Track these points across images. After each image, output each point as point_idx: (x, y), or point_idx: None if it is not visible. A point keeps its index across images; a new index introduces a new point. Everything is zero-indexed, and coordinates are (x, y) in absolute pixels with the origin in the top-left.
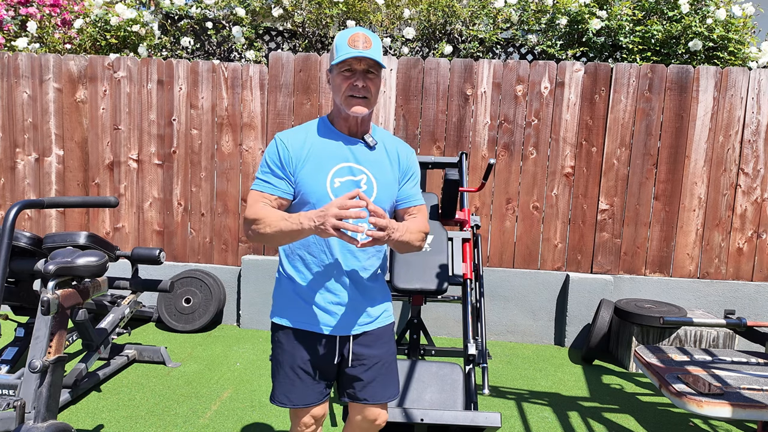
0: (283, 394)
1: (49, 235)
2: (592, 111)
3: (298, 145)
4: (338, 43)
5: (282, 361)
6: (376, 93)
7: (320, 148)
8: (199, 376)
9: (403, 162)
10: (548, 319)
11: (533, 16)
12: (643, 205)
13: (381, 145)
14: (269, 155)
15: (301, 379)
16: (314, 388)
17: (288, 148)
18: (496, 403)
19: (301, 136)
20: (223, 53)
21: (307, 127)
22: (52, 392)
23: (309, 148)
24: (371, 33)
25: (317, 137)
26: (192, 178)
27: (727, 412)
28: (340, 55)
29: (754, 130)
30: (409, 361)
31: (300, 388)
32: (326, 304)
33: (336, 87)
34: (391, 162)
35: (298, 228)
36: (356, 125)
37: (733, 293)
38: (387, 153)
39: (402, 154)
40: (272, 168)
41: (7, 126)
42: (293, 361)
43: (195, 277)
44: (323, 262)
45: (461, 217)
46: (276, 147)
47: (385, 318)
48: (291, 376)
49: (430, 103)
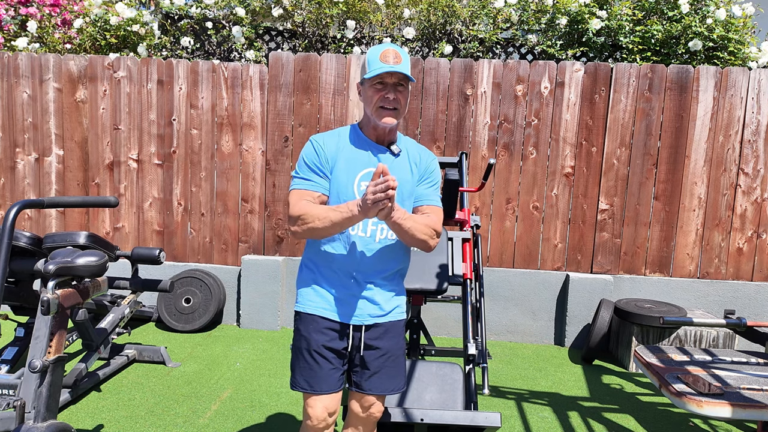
0: (303, 378)
1: (49, 235)
2: (592, 111)
3: (332, 147)
4: (370, 59)
5: (300, 347)
6: (405, 104)
7: (350, 153)
8: (199, 376)
9: (422, 166)
10: (548, 319)
11: (533, 16)
12: (643, 205)
13: (405, 152)
14: (307, 156)
15: (318, 364)
16: (331, 373)
17: (324, 148)
18: (496, 403)
19: (333, 140)
20: (223, 53)
21: (339, 132)
22: (52, 392)
23: (340, 151)
24: (401, 49)
25: (347, 142)
26: (192, 178)
27: (727, 412)
28: (372, 69)
29: (754, 130)
30: (409, 361)
31: (318, 372)
32: (342, 295)
33: (368, 99)
34: (411, 168)
35: (348, 215)
36: (384, 134)
37: (733, 293)
38: (409, 159)
39: (423, 159)
40: (311, 167)
41: (7, 126)
42: (309, 345)
43: (195, 277)
44: (345, 257)
45: (461, 217)
46: (313, 147)
47: (398, 313)
48: (309, 360)
49: (430, 103)
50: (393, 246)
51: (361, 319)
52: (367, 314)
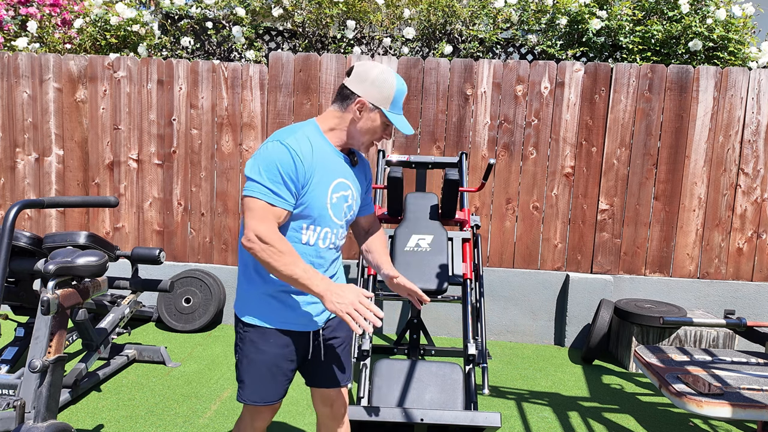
0: (254, 392)
1: (49, 234)
2: (592, 111)
3: (308, 157)
4: (397, 96)
5: (256, 360)
6: None
7: (323, 162)
8: (199, 376)
9: (368, 174)
10: (548, 319)
11: (533, 16)
12: (643, 205)
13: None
14: (283, 165)
15: (274, 376)
16: (284, 384)
17: (303, 161)
18: (496, 403)
19: (307, 148)
20: (223, 53)
21: (307, 135)
22: (52, 392)
23: (315, 160)
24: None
25: (319, 149)
26: (192, 177)
27: (727, 412)
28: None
29: (754, 130)
30: (409, 361)
31: (272, 385)
32: (300, 304)
33: (371, 128)
34: (366, 175)
35: (310, 287)
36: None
37: (733, 293)
38: (364, 167)
39: (368, 168)
40: (285, 180)
41: (7, 126)
42: (269, 360)
43: (195, 277)
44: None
45: (461, 217)
46: (291, 158)
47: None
48: (266, 374)
49: (430, 103)
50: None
51: (319, 322)
52: (323, 314)
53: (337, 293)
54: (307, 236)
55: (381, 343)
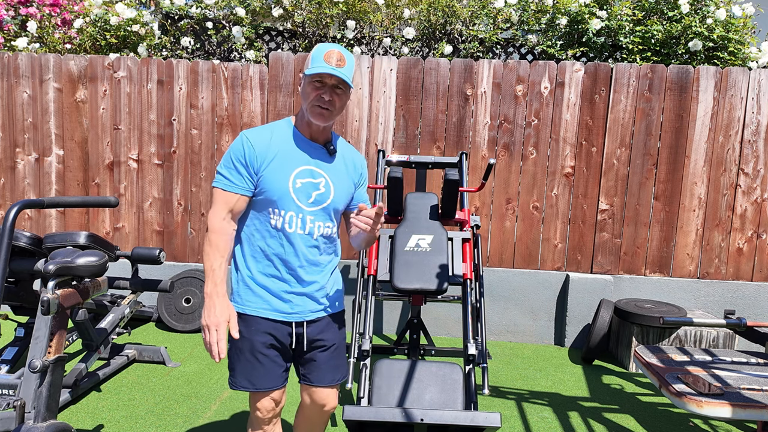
0: (244, 378)
1: (49, 235)
2: (592, 111)
3: (263, 144)
4: (314, 56)
5: (241, 347)
6: (340, 108)
7: (285, 149)
8: (199, 376)
9: (358, 169)
10: (548, 319)
11: (533, 16)
12: (643, 205)
13: (340, 153)
14: (234, 152)
15: (261, 363)
16: (274, 371)
17: (254, 146)
18: (496, 403)
19: (266, 136)
20: (223, 53)
21: (272, 127)
22: (52, 392)
23: (274, 147)
24: (347, 53)
25: (282, 138)
26: (192, 178)
27: (727, 412)
28: (314, 67)
29: (754, 130)
30: (409, 361)
31: (260, 371)
32: (281, 293)
33: (305, 94)
34: (347, 170)
35: (205, 285)
36: (318, 132)
37: (733, 293)
38: (345, 161)
39: (357, 163)
40: (236, 165)
41: (7, 126)
42: (252, 346)
43: (195, 277)
44: (281, 254)
45: (461, 217)
46: (242, 144)
47: (337, 306)
48: (251, 360)
49: (430, 103)
50: (329, 242)
51: (302, 315)
52: (308, 310)
53: (210, 306)
54: (275, 220)
55: (381, 343)
